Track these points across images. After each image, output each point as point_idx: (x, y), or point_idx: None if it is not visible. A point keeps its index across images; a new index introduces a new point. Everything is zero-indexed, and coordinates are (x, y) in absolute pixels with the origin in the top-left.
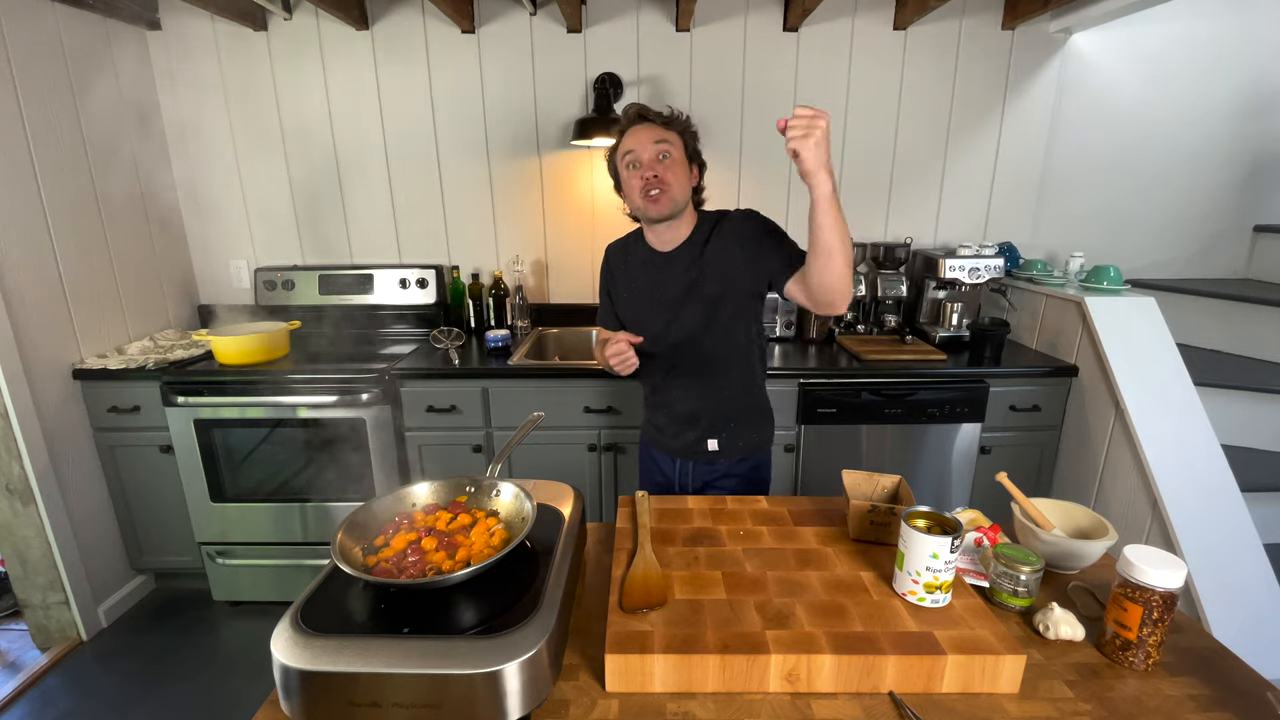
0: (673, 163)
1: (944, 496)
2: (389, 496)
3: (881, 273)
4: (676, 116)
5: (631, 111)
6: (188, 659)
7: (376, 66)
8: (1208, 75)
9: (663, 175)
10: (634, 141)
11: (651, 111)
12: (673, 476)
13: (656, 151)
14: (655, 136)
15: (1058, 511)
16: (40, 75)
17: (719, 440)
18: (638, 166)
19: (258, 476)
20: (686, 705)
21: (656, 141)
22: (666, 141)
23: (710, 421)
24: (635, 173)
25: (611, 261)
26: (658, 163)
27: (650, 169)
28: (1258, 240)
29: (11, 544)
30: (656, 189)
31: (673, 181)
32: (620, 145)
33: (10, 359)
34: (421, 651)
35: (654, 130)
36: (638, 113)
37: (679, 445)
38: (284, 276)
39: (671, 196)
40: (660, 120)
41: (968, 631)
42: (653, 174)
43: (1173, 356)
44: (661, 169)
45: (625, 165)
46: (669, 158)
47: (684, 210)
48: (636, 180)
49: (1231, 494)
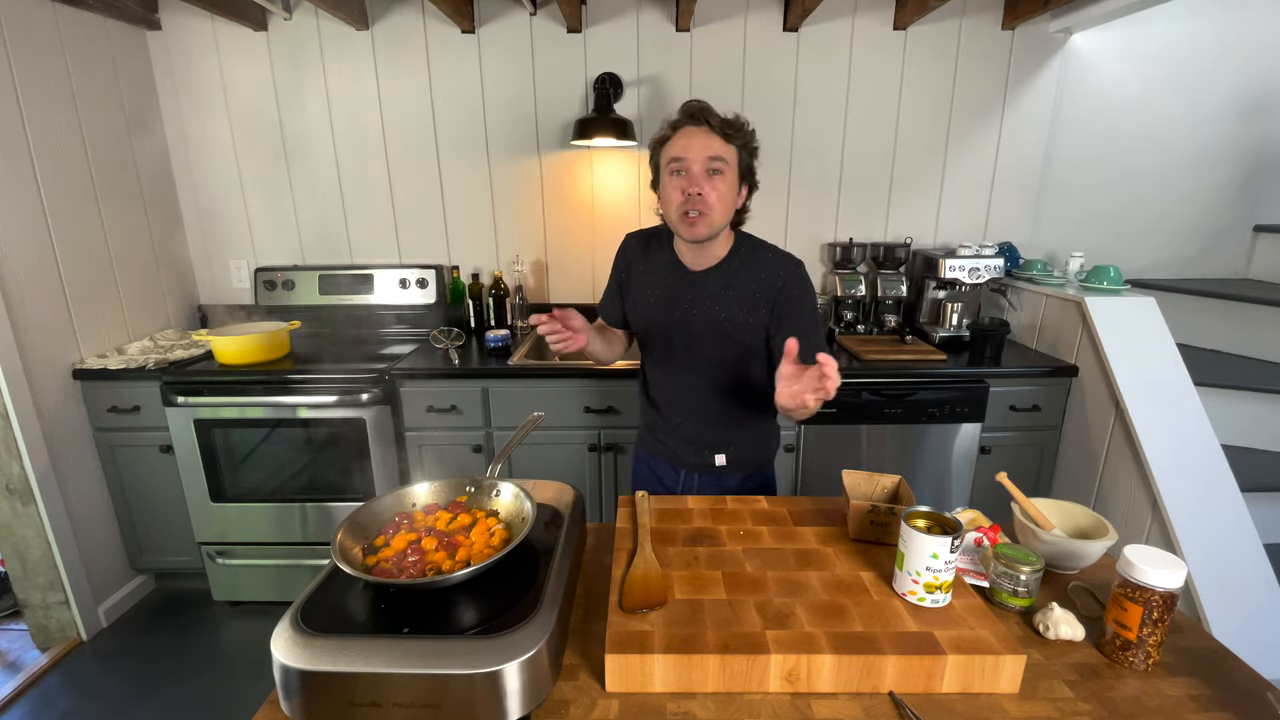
0: (723, 180)
1: (944, 496)
2: (389, 496)
3: (881, 273)
4: (740, 127)
5: (691, 107)
6: (188, 659)
7: (376, 66)
8: (1208, 75)
9: (708, 195)
10: (686, 146)
11: (712, 113)
12: (675, 488)
13: (708, 166)
14: (711, 149)
15: (1058, 511)
16: (40, 75)
17: (727, 455)
18: (683, 175)
19: (258, 476)
20: (686, 705)
21: (711, 157)
22: (721, 158)
23: (719, 440)
24: (678, 181)
25: (631, 255)
26: (706, 178)
27: (696, 185)
28: (1258, 240)
29: (11, 544)
30: (697, 210)
31: (717, 203)
32: (670, 144)
33: (10, 359)
34: (421, 651)
35: (711, 139)
36: (696, 111)
37: (685, 459)
38: (284, 276)
39: (711, 221)
40: (721, 127)
41: (968, 631)
42: (698, 191)
43: (1173, 356)
44: (709, 187)
45: (670, 170)
46: (719, 174)
47: (721, 233)
48: (677, 191)
49: (1231, 494)
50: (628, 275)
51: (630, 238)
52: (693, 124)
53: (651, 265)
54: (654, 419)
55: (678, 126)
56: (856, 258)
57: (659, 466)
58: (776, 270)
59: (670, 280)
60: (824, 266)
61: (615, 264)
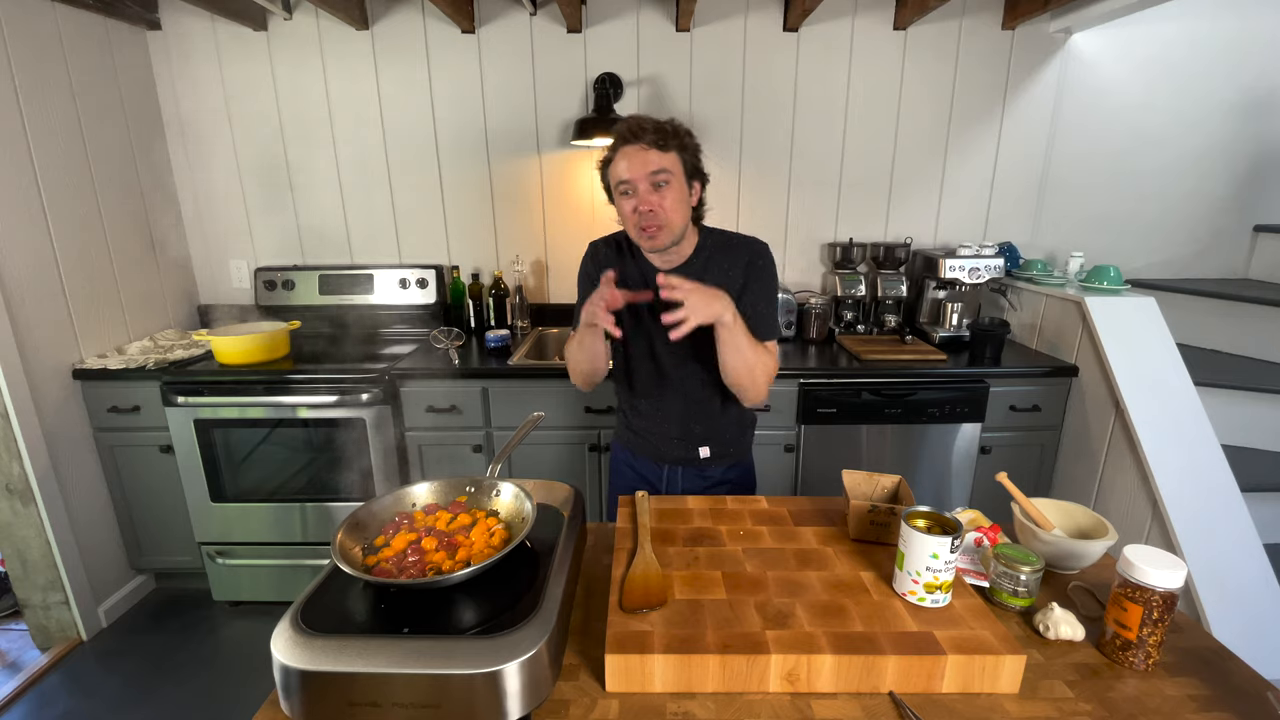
0: (670, 190)
1: (944, 496)
2: (389, 496)
3: (881, 273)
4: (674, 132)
5: (623, 128)
6: (188, 659)
7: (376, 66)
8: (1208, 75)
9: (658, 208)
10: (627, 168)
11: (647, 129)
12: (659, 484)
13: (652, 180)
14: (651, 164)
15: (1058, 511)
16: (40, 75)
17: (710, 447)
18: (632, 194)
19: (258, 476)
20: (686, 705)
21: (653, 171)
22: (665, 169)
23: (701, 433)
24: (629, 200)
25: (603, 261)
26: (653, 192)
27: (645, 201)
28: (1258, 240)
29: (11, 544)
30: (653, 225)
31: (671, 211)
32: (613, 166)
33: (10, 359)
34: (421, 651)
35: (648, 154)
36: (631, 130)
37: (668, 453)
38: (284, 276)
39: (670, 230)
40: (657, 139)
41: (968, 631)
42: (648, 207)
43: (1173, 356)
44: (658, 200)
45: (618, 191)
46: (666, 185)
47: (684, 234)
48: (630, 211)
49: (1231, 494)
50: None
51: (598, 244)
52: (629, 143)
53: (626, 271)
54: (635, 417)
55: (617, 147)
56: (856, 258)
57: (640, 463)
58: (742, 255)
59: (645, 281)
60: (824, 266)
61: (586, 273)
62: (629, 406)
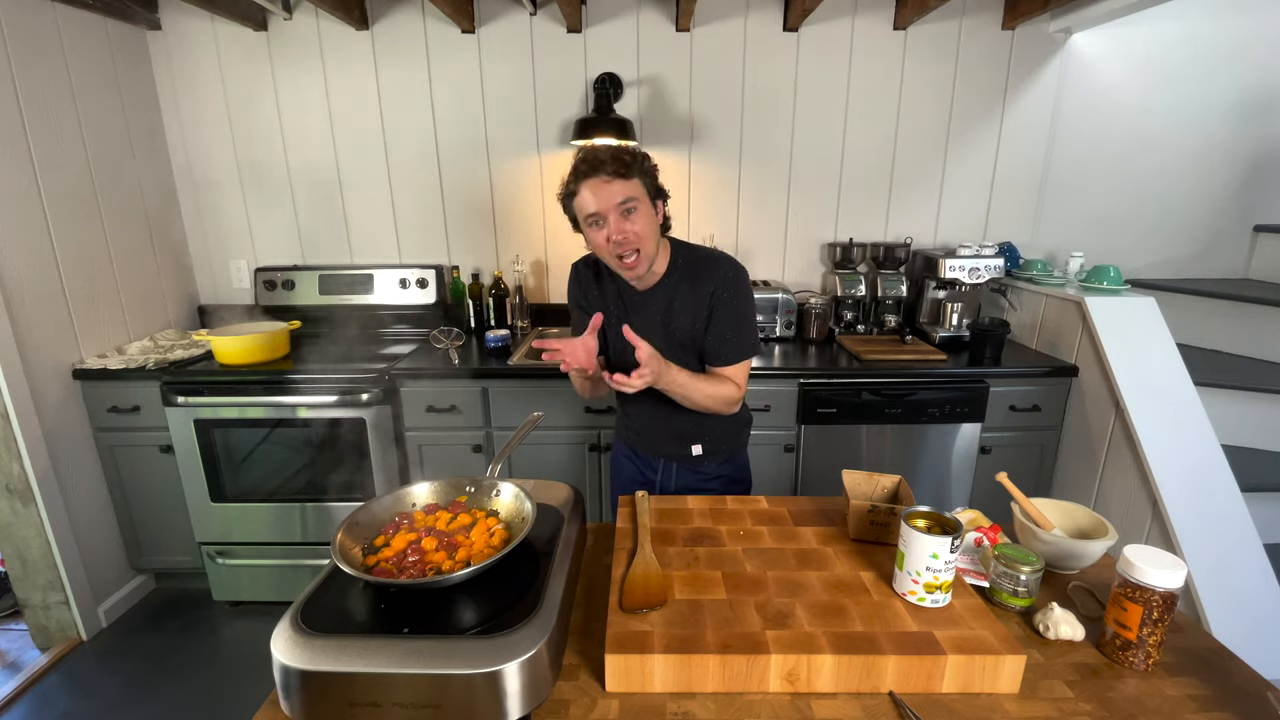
0: (639, 214)
1: (944, 496)
2: (389, 496)
3: (881, 273)
4: (633, 159)
5: (581, 164)
6: (188, 659)
7: (376, 66)
8: (1208, 75)
9: (631, 235)
10: (593, 199)
11: (605, 161)
12: (654, 478)
13: (621, 210)
14: (618, 195)
15: (1058, 511)
16: (40, 75)
17: (703, 445)
18: (602, 225)
19: (258, 476)
20: (686, 705)
21: (620, 202)
22: (631, 197)
23: (692, 433)
24: (600, 230)
25: (584, 282)
26: (624, 220)
27: (618, 230)
28: (1258, 240)
29: (11, 544)
30: (630, 253)
31: (644, 237)
32: (578, 199)
33: (10, 359)
34: (421, 651)
35: (612, 185)
36: (589, 164)
37: (663, 450)
38: (284, 276)
39: (646, 255)
40: (617, 169)
41: (968, 631)
42: (620, 236)
43: (1173, 356)
44: (629, 227)
45: (588, 223)
46: (635, 211)
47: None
48: (604, 241)
49: (1231, 494)
50: (587, 302)
51: (580, 265)
52: (591, 176)
53: (605, 291)
54: (631, 417)
55: (579, 180)
56: (856, 258)
57: (639, 458)
58: (712, 275)
59: (621, 303)
60: (824, 266)
61: (573, 295)
62: (622, 408)
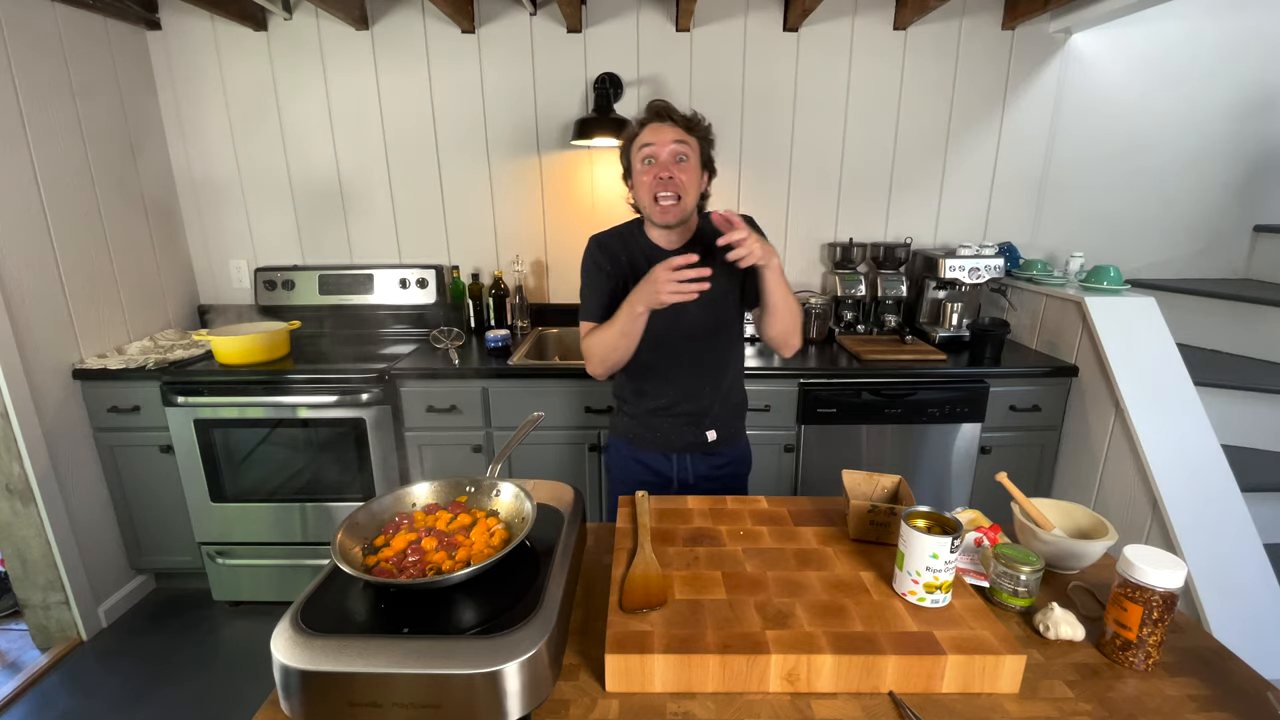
0: (688, 166)
1: (944, 496)
2: (389, 496)
3: (881, 273)
4: (699, 121)
5: (656, 106)
6: (188, 659)
7: (376, 66)
8: (1207, 75)
9: (677, 177)
10: (653, 136)
11: (675, 111)
12: (670, 473)
13: (674, 152)
14: (675, 136)
15: (1058, 511)
16: (40, 75)
17: (716, 430)
18: (653, 163)
19: (258, 476)
20: (686, 705)
21: (675, 141)
22: (686, 144)
23: (710, 415)
24: (650, 168)
25: (612, 250)
26: (674, 164)
27: (666, 169)
28: (1258, 240)
29: (11, 544)
30: (669, 193)
31: (687, 184)
32: (638, 138)
33: (10, 359)
34: (421, 651)
35: (675, 130)
36: (661, 109)
37: (679, 441)
38: (284, 276)
39: (683, 205)
40: (683, 122)
41: (968, 631)
42: (668, 175)
43: (1173, 356)
44: (677, 170)
45: (640, 159)
46: (686, 160)
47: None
48: (649, 176)
49: (1231, 494)
50: (613, 269)
51: (600, 236)
52: (658, 120)
53: (633, 257)
54: (640, 407)
55: (645, 123)
56: (856, 258)
57: (648, 456)
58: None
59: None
60: (824, 266)
61: (593, 267)
62: (631, 393)
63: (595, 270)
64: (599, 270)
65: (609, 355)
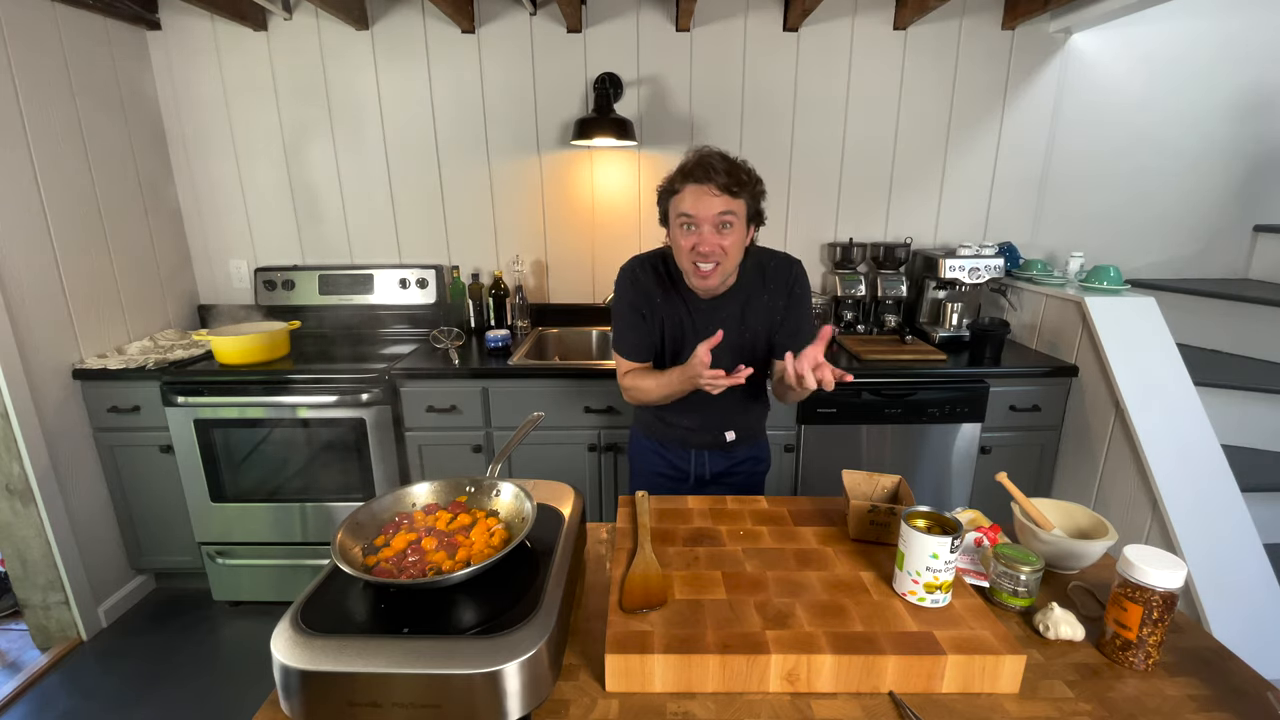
0: (732, 232)
1: (944, 496)
2: (389, 496)
3: (881, 273)
4: (747, 180)
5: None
6: (188, 659)
7: (376, 66)
8: (1207, 75)
9: (717, 250)
10: (693, 205)
11: (719, 172)
12: (688, 468)
13: (718, 221)
14: (719, 207)
15: (1058, 511)
16: (40, 75)
17: (736, 431)
18: (693, 230)
19: (258, 476)
20: (686, 705)
21: (720, 212)
22: (731, 212)
23: (730, 421)
24: (689, 236)
25: (642, 286)
26: (715, 233)
27: (706, 243)
28: (1258, 240)
29: (11, 544)
30: (709, 264)
31: (731, 254)
32: (678, 199)
33: (10, 359)
34: (421, 651)
35: (719, 198)
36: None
37: (696, 440)
38: (284, 276)
39: (724, 271)
40: (728, 186)
41: (968, 631)
42: (709, 248)
43: (1173, 356)
44: (719, 240)
45: (679, 224)
46: (730, 227)
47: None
48: (688, 246)
49: (1231, 494)
50: (650, 308)
51: (636, 267)
52: (701, 181)
53: (671, 297)
54: (659, 419)
55: (686, 181)
56: (856, 258)
57: (667, 451)
58: (782, 281)
59: (687, 308)
60: (824, 266)
61: (629, 298)
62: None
63: (631, 308)
64: (635, 311)
65: (645, 400)
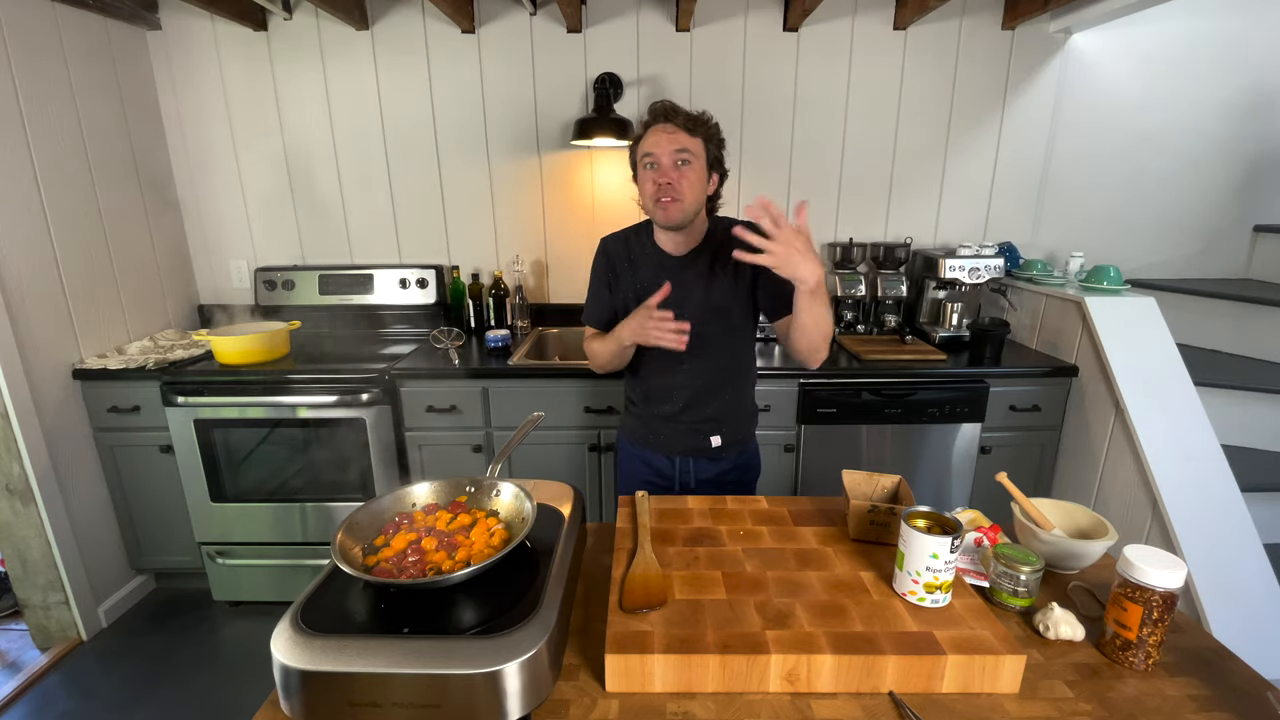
0: (690, 170)
1: (944, 496)
2: (389, 496)
3: (881, 273)
4: (704, 120)
5: (658, 108)
6: (188, 659)
7: (376, 66)
8: (1207, 75)
9: (677, 183)
10: (654, 143)
11: (678, 112)
12: (672, 475)
13: (675, 158)
14: (677, 142)
15: (1058, 511)
16: (40, 75)
17: (721, 435)
18: (654, 168)
19: (258, 476)
20: (686, 705)
21: (677, 149)
22: (687, 150)
23: (714, 421)
24: (650, 174)
25: (613, 255)
26: (674, 169)
27: (665, 175)
28: (1258, 240)
29: (11, 544)
30: (669, 196)
31: (687, 190)
32: (642, 141)
33: (10, 359)
34: (421, 651)
35: (677, 135)
36: (664, 110)
37: (681, 445)
38: (284, 276)
39: (683, 206)
40: (686, 124)
41: (968, 631)
42: (667, 180)
43: (1173, 356)
44: (677, 176)
45: (644, 164)
46: (688, 165)
47: (696, 218)
48: (650, 183)
49: (1231, 494)
50: (614, 274)
51: (608, 241)
52: (661, 122)
53: (636, 262)
54: (647, 411)
55: (649, 125)
56: (856, 258)
57: (652, 457)
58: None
59: (656, 269)
60: (824, 266)
61: (597, 268)
62: (640, 396)
63: (598, 278)
64: (600, 274)
65: (605, 365)
